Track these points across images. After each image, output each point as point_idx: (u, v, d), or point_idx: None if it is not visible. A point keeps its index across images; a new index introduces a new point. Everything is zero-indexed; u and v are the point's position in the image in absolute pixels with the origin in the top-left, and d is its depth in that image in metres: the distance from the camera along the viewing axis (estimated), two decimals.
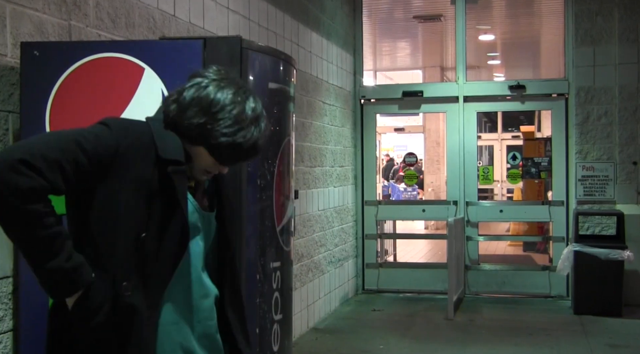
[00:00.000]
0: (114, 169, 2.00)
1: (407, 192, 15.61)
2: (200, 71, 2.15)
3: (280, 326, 3.30)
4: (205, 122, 2.06)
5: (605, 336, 7.10)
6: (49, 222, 1.89)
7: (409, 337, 7.17)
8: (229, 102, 2.08)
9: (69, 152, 1.93)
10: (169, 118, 2.10)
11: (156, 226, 2.04)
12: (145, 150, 2.03)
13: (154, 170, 2.03)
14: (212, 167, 2.17)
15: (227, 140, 2.07)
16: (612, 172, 8.49)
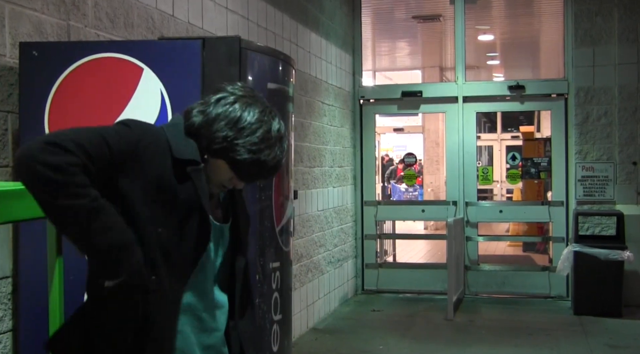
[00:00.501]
0: (134, 164, 2.02)
1: (408, 193, 15.61)
2: (226, 86, 2.18)
3: (279, 327, 3.30)
4: (232, 137, 2.08)
5: (605, 336, 7.10)
6: (92, 193, 1.89)
7: (408, 337, 7.17)
8: (256, 121, 2.10)
9: (94, 141, 1.94)
10: (193, 127, 2.12)
11: (175, 224, 2.06)
12: (162, 150, 2.06)
13: (172, 171, 2.06)
14: (228, 182, 2.19)
15: (251, 157, 2.09)
16: (611, 173, 8.49)
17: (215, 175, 2.15)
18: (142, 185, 2.02)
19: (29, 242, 3.11)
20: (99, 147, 1.94)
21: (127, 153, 2.00)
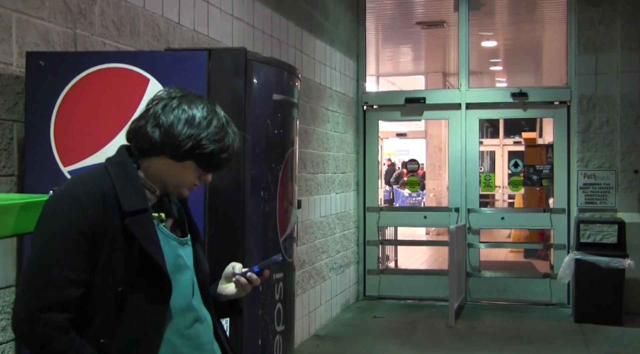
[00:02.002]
0: (99, 240, 2.05)
1: (411, 198, 15.61)
2: (161, 95, 2.20)
3: (282, 337, 3.31)
4: (196, 134, 2.11)
5: (606, 344, 7.11)
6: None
7: (410, 345, 7.17)
8: (207, 112, 2.15)
9: (59, 287, 2.00)
10: (156, 143, 2.12)
11: (136, 278, 2.07)
12: (108, 206, 2.06)
13: (120, 225, 2.06)
14: (198, 180, 2.23)
15: (217, 146, 2.13)
16: (613, 181, 8.49)
17: (185, 178, 2.19)
18: (102, 249, 2.05)
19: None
20: (75, 266, 2.01)
21: (92, 238, 2.03)
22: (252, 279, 2.32)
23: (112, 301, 2.04)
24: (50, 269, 1.98)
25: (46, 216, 2.07)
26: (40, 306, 1.95)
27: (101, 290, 2.04)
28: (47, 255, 2.00)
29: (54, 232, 2.02)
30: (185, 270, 2.22)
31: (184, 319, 2.19)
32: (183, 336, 2.18)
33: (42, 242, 2.03)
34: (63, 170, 3.09)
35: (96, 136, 3.05)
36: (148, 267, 2.07)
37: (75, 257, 2.00)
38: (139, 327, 2.06)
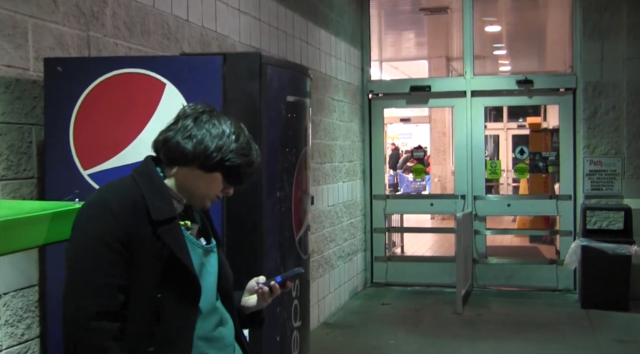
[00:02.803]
0: (131, 246, 2.14)
1: (416, 183, 15.66)
2: (187, 109, 2.29)
3: (299, 333, 3.38)
4: (225, 148, 2.19)
5: (612, 330, 7.18)
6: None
7: (418, 332, 7.26)
8: (235, 128, 2.25)
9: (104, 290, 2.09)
10: (186, 155, 2.20)
11: (168, 284, 2.16)
12: (139, 215, 2.14)
13: (152, 231, 2.15)
14: (221, 193, 2.31)
15: (244, 160, 2.23)
16: (619, 167, 8.53)
17: (211, 189, 2.27)
18: (137, 259, 2.13)
19: (55, 251, 3.18)
20: (114, 272, 2.10)
21: (127, 243, 2.12)
22: (274, 288, 2.40)
23: (150, 308, 2.12)
24: (93, 279, 2.06)
25: (79, 225, 2.15)
26: (94, 314, 2.03)
27: (137, 297, 2.12)
28: (87, 265, 2.08)
29: (89, 240, 2.10)
30: (208, 275, 2.30)
31: (209, 321, 2.27)
32: (207, 338, 2.25)
33: (79, 253, 2.11)
34: (83, 173, 3.15)
35: (115, 139, 3.11)
36: (178, 273, 2.16)
37: (113, 264, 2.09)
38: (172, 331, 2.15)
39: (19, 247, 2.15)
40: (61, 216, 2.28)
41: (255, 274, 2.87)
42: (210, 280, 2.31)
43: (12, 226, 2.12)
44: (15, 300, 3.36)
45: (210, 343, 2.26)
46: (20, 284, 3.39)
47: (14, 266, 3.30)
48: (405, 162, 18.83)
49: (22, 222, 2.18)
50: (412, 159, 16.25)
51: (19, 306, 3.39)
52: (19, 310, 3.39)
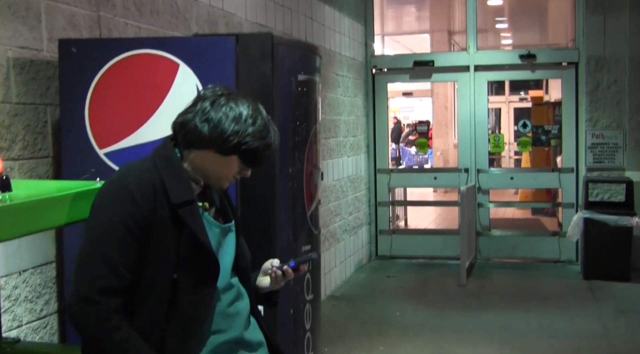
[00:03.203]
0: (150, 229, 2.19)
1: (418, 156, 15.72)
2: (206, 92, 2.32)
3: (311, 305, 3.48)
4: (242, 131, 2.23)
5: (614, 301, 7.29)
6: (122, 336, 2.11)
7: (423, 304, 7.37)
8: (252, 111, 2.27)
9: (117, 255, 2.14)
10: (203, 138, 2.24)
11: (187, 264, 2.22)
12: (158, 199, 2.20)
13: (171, 213, 2.20)
14: (238, 174, 2.35)
15: (261, 143, 2.26)
16: (621, 140, 8.60)
17: (228, 172, 2.31)
18: (153, 240, 2.19)
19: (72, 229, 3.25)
20: (127, 254, 2.15)
21: (145, 227, 2.17)
22: (287, 272, 2.46)
23: (166, 288, 2.18)
24: (105, 256, 2.11)
25: (99, 205, 2.20)
26: (100, 289, 2.09)
27: (154, 278, 2.18)
28: (102, 243, 2.13)
29: (107, 222, 2.15)
30: (225, 254, 2.36)
31: (225, 298, 2.34)
32: (223, 314, 2.33)
33: (96, 231, 2.16)
34: (98, 152, 3.23)
35: (130, 119, 3.19)
36: (197, 253, 2.21)
37: (127, 246, 2.14)
38: (191, 309, 2.21)
39: (42, 227, 2.22)
40: (83, 196, 2.35)
41: (269, 251, 2.97)
42: (227, 259, 2.37)
43: (36, 207, 2.19)
44: (33, 277, 3.46)
45: (226, 318, 2.34)
46: (38, 262, 3.49)
47: (32, 244, 3.39)
48: (407, 136, 18.90)
49: (45, 203, 2.25)
50: (415, 132, 16.37)
51: (37, 282, 3.49)
52: (37, 286, 3.49)
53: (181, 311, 2.20)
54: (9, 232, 2.02)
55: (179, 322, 2.20)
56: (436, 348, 5.97)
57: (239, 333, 2.36)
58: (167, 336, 2.19)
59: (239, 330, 2.36)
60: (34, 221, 2.15)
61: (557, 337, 6.19)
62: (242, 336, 2.37)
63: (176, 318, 2.20)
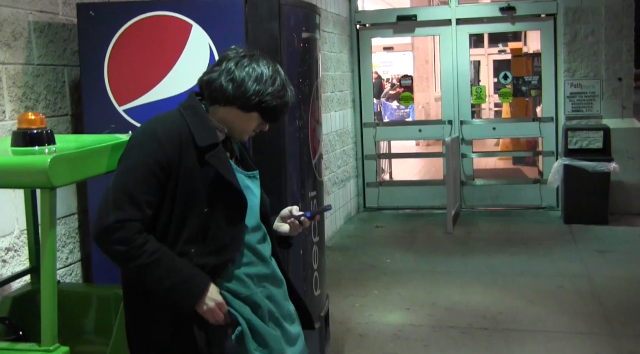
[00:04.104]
0: (175, 170, 2.41)
1: (400, 110, 15.93)
2: (229, 53, 2.54)
3: (318, 247, 3.76)
4: (263, 91, 2.47)
5: (593, 242, 7.66)
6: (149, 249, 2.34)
7: (412, 251, 7.69)
8: (272, 71, 2.50)
9: (143, 189, 2.36)
10: (227, 98, 2.47)
11: (217, 201, 2.45)
12: (187, 144, 2.42)
13: (196, 158, 2.43)
14: (257, 128, 2.60)
15: (279, 102, 2.51)
16: (598, 89, 8.90)
17: (248, 126, 2.55)
18: (183, 179, 2.41)
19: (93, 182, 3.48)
20: (148, 190, 2.36)
21: (167, 169, 2.39)
22: (304, 222, 2.72)
23: (200, 221, 2.43)
24: (128, 191, 2.34)
25: (129, 148, 2.43)
26: (121, 218, 2.32)
27: (186, 213, 2.42)
28: (127, 179, 2.36)
29: (133, 162, 2.38)
30: (253, 197, 2.61)
31: (255, 236, 2.60)
32: (254, 250, 2.60)
33: (125, 170, 2.39)
34: (118, 109, 3.46)
35: (147, 77, 3.41)
36: (226, 191, 2.46)
37: (149, 184, 2.36)
38: (221, 241, 2.46)
39: (88, 175, 2.46)
40: (119, 146, 2.59)
41: (280, 196, 3.24)
42: (255, 201, 2.62)
43: (84, 157, 2.44)
44: (59, 227, 3.71)
45: (255, 254, 2.60)
46: (63, 213, 3.74)
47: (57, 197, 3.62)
48: (388, 91, 19.09)
49: (91, 153, 2.49)
50: (396, 87, 16.57)
51: (62, 232, 3.74)
52: (62, 236, 3.74)
53: (217, 239, 2.45)
54: (63, 179, 2.26)
55: (215, 246, 2.45)
56: (427, 291, 6.29)
57: (267, 269, 2.62)
58: (199, 255, 2.43)
59: (266, 266, 2.63)
60: (82, 169, 2.39)
61: (541, 277, 6.54)
62: (269, 271, 2.63)
63: (212, 243, 2.45)
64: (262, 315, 2.55)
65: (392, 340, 5.18)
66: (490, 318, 5.55)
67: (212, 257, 2.46)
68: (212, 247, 2.46)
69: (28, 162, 2.22)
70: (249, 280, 2.56)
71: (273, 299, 2.63)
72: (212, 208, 2.46)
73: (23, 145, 2.43)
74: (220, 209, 2.47)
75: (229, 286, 2.52)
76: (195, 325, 2.45)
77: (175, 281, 2.36)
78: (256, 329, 2.53)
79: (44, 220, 2.24)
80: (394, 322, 5.57)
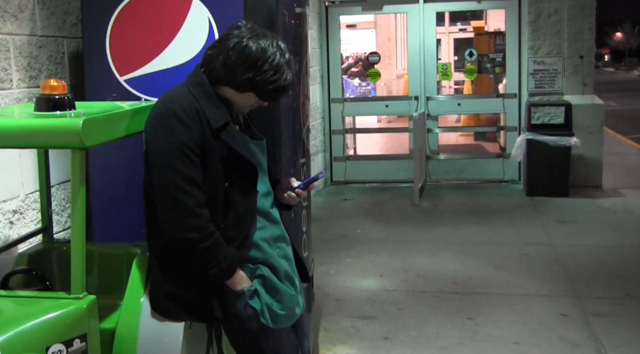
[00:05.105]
0: (203, 149, 2.55)
1: (361, 87, 16.12)
2: (234, 32, 2.61)
3: (306, 211, 3.99)
4: (254, 76, 2.56)
5: (554, 214, 8.02)
6: (205, 245, 2.53)
7: (381, 222, 7.96)
8: (269, 55, 2.57)
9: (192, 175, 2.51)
10: (221, 78, 2.60)
11: (233, 174, 2.61)
12: (204, 124, 2.54)
13: (212, 134, 2.56)
14: (256, 104, 2.72)
15: (273, 86, 2.61)
16: (560, 66, 9.23)
17: (245, 103, 2.68)
18: (207, 157, 2.55)
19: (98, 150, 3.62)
20: (197, 170, 2.52)
21: (200, 147, 2.53)
22: (300, 193, 2.87)
23: (221, 195, 2.60)
24: (185, 176, 2.47)
25: (156, 136, 2.53)
26: (195, 203, 2.49)
27: (211, 188, 2.57)
28: (176, 166, 2.47)
29: (170, 147, 2.49)
30: (263, 163, 2.79)
31: (267, 200, 2.78)
32: (266, 213, 2.77)
33: (165, 159, 2.49)
34: (119, 79, 3.61)
35: (147, 48, 3.56)
36: (240, 165, 2.62)
37: (194, 163, 2.50)
38: (240, 210, 2.64)
39: (113, 137, 2.61)
40: (139, 111, 2.76)
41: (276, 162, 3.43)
42: (264, 166, 2.80)
43: (109, 120, 2.61)
44: (59, 192, 3.87)
45: (268, 218, 2.78)
46: (63, 178, 3.89)
47: (58, 163, 3.77)
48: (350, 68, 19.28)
49: (117, 117, 2.66)
50: (359, 64, 16.76)
51: (62, 197, 3.90)
52: (62, 201, 3.90)
53: (236, 210, 2.62)
54: (93, 140, 2.43)
55: (235, 218, 2.63)
56: (398, 258, 6.56)
57: (279, 230, 2.82)
58: (228, 229, 2.61)
59: (278, 227, 2.83)
60: (108, 131, 2.56)
61: (506, 245, 6.86)
62: (280, 232, 2.83)
63: (232, 215, 2.62)
64: (278, 276, 2.74)
65: (367, 304, 5.44)
66: (460, 283, 5.84)
67: (236, 231, 2.63)
68: (234, 220, 2.63)
69: (62, 124, 2.39)
70: (265, 244, 2.73)
71: (287, 257, 2.83)
72: (230, 182, 2.61)
73: (46, 110, 2.58)
74: (236, 182, 2.62)
75: (248, 253, 2.69)
76: (216, 288, 2.65)
77: (225, 264, 2.57)
78: (274, 286, 2.71)
79: (75, 179, 2.41)
80: (368, 287, 5.82)
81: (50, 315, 2.35)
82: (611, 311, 5.14)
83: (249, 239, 2.67)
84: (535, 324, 4.92)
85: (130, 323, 2.68)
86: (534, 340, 4.66)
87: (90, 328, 2.43)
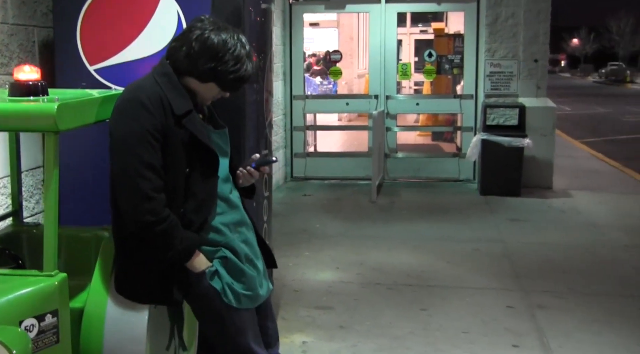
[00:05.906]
0: (164, 135, 2.67)
1: (323, 86, 16.27)
2: (197, 24, 2.74)
3: (267, 201, 4.13)
4: (215, 67, 2.70)
5: (507, 212, 8.28)
6: (160, 228, 2.63)
7: (340, 217, 8.12)
8: (230, 46, 2.70)
9: (152, 160, 2.61)
10: (185, 69, 2.72)
11: (194, 160, 2.73)
12: (167, 111, 2.66)
13: (175, 121, 2.68)
14: (218, 94, 2.84)
15: (233, 76, 2.74)
16: (516, 69, 9.50)
17: (208, 93, 2.80)
18: (168, 143, 2.66)
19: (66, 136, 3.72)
20: (157, 155, 2.62)
21: (161, 133, 2.64)
22: (252, 172, 3.00)
23: (182, 180, 2.72)
24: (144, 161, 2.58)
25: (120, 122, 2.64)
26: (152, 188, 2.59)
27: (172, 174, 2.69)
28: (137, 151, 2.58)
29: (133, 133, 2.60)
30: (223, 152, 2.90)
31: (226, 186, 2.91)
32: (225, 199, 2.90)
33: (127, 143, 2.60)
34: (89, 68, 3.72)
35: (117, 39, 3.68)
36: (201, 152, 2.74)
37: (155, 149, 2.61)
38: (200, 195, 2.76)
39: (84, 122, 2.73)
40: (108, 99, 2.87)
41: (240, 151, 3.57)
42: (226, 154, 2.93)
43: (82, 105, 2.72)
44: (27, 179, 3.96)
45: (228, 203, 2.91)
46: (30, 165, 3.98)
47: (26, 151, 3.86)
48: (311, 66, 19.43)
49: (88, 103, 2.78)
50: (320, 63, 16.93)
51: (30, 183, 3.99)
52: (30, 187, 3.99)
53: (196, 195, 2.74)
54: (66, 124, 2.55)
55: (195, 203, 2.75)
56: (355, 252, 6.72)
57: (239, 215, 2.95)
58: (187, 213, 2.73)
59: (238, 212, 2.95)
60: (80, 117, 2.68)
61: (459, 242, 7.07)
62: (240, 217, 2.96)
63: (192, 200, 2.74)
64: (239, 259, 2.87)
65: (324, 295, 5.59)
66: (414, 276, 6.03)
67: (196, 215, 2.75)
68: (194, 205, 2.74)
69: (37, 108, 2.50)
70: (225, 228, 2.85)
71: (248, 242, 2.95)
72: (191, 167, 2.73)
73: (20, 95, 2.68)
74: (197, 168, 2.74)
75: (208, 237, 2.81)
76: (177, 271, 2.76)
77: (181, 246, 2.68)
78: (236, 267, 2.84)
79: (49, 161, 2.53)
80: (326, 279, 5.98)
81: (24, 291, 2.46)
82: (554, 304, 5.37)
83: (207, 224, 2.79)
84: (483, 315, 5.13)
85: (98, 303, 2.80)
86: (482, 330, 4.87)
87: (61, 304, 2.55)
